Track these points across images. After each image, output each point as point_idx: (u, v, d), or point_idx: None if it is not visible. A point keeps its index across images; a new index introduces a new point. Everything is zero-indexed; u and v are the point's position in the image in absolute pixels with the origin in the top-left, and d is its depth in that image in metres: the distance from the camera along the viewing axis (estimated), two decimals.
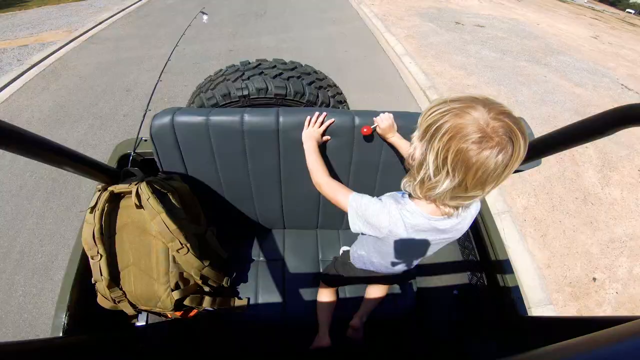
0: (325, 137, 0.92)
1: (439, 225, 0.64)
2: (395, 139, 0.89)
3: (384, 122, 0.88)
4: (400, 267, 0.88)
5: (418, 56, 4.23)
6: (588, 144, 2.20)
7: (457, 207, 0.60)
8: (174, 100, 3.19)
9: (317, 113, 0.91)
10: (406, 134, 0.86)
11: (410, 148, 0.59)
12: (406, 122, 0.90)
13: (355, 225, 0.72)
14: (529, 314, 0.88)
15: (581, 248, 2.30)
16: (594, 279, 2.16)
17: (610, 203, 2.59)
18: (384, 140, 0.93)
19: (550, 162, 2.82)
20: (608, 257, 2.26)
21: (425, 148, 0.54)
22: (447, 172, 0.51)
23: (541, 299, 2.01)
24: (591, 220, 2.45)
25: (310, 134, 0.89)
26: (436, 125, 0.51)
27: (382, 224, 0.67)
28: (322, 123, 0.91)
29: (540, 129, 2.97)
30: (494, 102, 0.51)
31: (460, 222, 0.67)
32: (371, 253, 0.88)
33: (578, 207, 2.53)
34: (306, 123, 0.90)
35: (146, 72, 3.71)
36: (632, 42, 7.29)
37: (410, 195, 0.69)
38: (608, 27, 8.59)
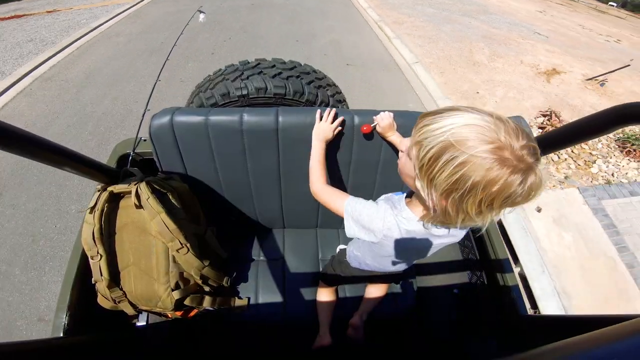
0: (337, 130, 0.90)
1: (435, 231, 0.63)
2: (395, 137, 0.89)
3: (383, 121, 0.87)
4: (394, 269, 0.89)
5: (377, 8, 6.31)
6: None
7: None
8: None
9: (328, 109, 0.90)
10: (406, 132, 0.86)
11: (431, 202, 0.52)
12: (406, 121, 0.90)
13: (350, 229, 0.71)
14: (529, 313, 0.88)
15: (469, 79, 4.01)
16: (477, 92, 3.81)
17: (493, 67, 4.38)
18: (384, 139, 0.93)
19: (449, 45, 4.84)
20: (488, 86, 3.93)
21: (458, 204, 0.48)
22: (492, 210, 0.48)
23: (440, 96, 3.63)
24: (477, 72, 4.22)
25: (322, 129, 0.87)
26: (465, 186, 0.45)
27: (376, 229, 0.66)
28: (334, 119, 0.90)
29: (454, 45, 4.89)
30: (496, 121, 0.46)
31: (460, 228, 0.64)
32: (366, 255, 0.89)
33: (469, 67, 4.33)
34: (317, 117, 0.90)
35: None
36: (577, 18, 8.23)
37: (408, 196, 0.69)
38: (564, 8, 9.09)
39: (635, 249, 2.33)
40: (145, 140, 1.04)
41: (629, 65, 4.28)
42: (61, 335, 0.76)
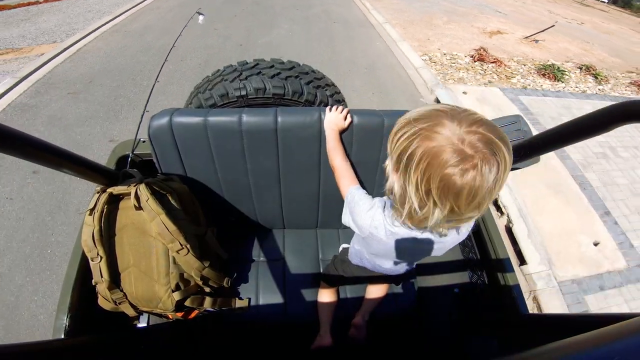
0: (348, 120, 0.91)
1: (417, 234, 0.61)
2: None
3: None
4: (390, 268, 0.89)
5: None
6: None
7: (454, 227, 0.57)
8: None
9: (335, 106, 0.92)
10: None
11: (388, 181, 0.54)
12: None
13: (345, 216, 0.74)
14: (529, 312, 0.88)
15: (424, 33, 5.39)
16: (428, 39, 5.13)
17: (446, 28, 5.70)
18: None
19: (414, 15, 6.14)
20: (438, 37, 5.28)
21: (402, 181, 0.49)
22: (434, 202, 0.46)
23: (399, 39, 4.98)
24: (432, 29, 5.58)
25: (334, 118, 0.89)
26: (407, 154, 0.46)
27: (364, 225, 0.67)
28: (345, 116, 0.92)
29: (419, 15, 6.18)
30: (462, 111, 0.46)
31: (451, 235, 0.63)
32: (363, 249, 0.89)
33: (426, 27, 5.69)
34: (328, 109, 0.91)
35: None
36: (551, 6, 9.15)
37: None
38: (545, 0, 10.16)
39: (546, 124, 3.41)
40: (144, 141, 1.04)
41: (553, 25, 5.76)
42: (62, 336, 0.77)
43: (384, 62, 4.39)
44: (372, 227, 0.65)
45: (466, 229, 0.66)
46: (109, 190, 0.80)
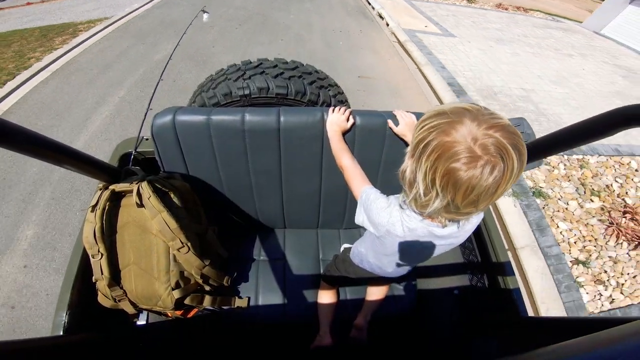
0: (350, 121, 0.92)
1: (436, 231, 0.63)
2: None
3: (402, 120, 0.91)
4: (393, 271, 0.88)
5: None
6: None
7: (453, 220, 0.59)
8: None
9: (337, 107, 0.92)
10: None
11: (403, 164, 0.57)
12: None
13: (359, 216, 0.74)
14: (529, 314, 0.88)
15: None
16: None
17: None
18: (402, 139, 0.94)
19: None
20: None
21: (414, 166, 0.52)
22: (437, 192, 0.49)
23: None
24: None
25: (335, 120, 0.90)
26: (424, 143, 0.48)
27: (381, 222, 0.67)
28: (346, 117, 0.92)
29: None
30: (486, 113, 0.47)
31: (460, 230, 0.65)
32: (369, 251, 0.89)
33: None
34: (330, 110, 0.92)
35: None
36: None
37: None
38: None
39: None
40: (147, 139, 1.05)
41: None
42: (61, 333, 0.76)
43: None
44: (390, 224, 0.66)
45: (471, 225, 0.67)
46: (111, 187, 0.80)
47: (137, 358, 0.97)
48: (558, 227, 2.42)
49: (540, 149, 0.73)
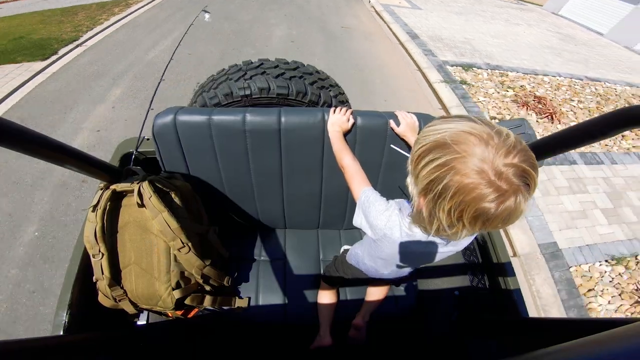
0: (351, 122, 0.91)
1: (432, 239, 0.62)
2: (414, 139, 0.90)
3: (404, 121, 0.90)
4: (389, 273, 0.88)
5: None
6: None
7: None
8: None
9: (339, 108, 0.92)
10: None
11: (414, 200, 0.53)
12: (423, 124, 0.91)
13: (357, 217, 0.73)
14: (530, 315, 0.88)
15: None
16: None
17: None
18: (403, 140, 0.93)
19: None
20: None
21: (432, 206, 0.48)
22: (464, 224, 0.46)
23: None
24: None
25: (336, 120, 0.90)
26: (441, 185, 0.44)
27: (378, 225, 0.67)
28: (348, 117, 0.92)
29: None
30: (495, 134, 0.44)
31: (459, 240, 0.63)
32: (365, 253, 0.89)
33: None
34: (331, 111, 0.92)
35: None
36: None
37: None
38: None
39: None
40: (148, 139, 1.05)
41: None
42: (61, 333, 0.76)
43: None
44: (387, 227, 0.65)
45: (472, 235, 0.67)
46: (112, 187, 0.80)
47: (137, 358, 0.97)
48: (478, 100, 3.74)
49: (541, 150, 0.73)
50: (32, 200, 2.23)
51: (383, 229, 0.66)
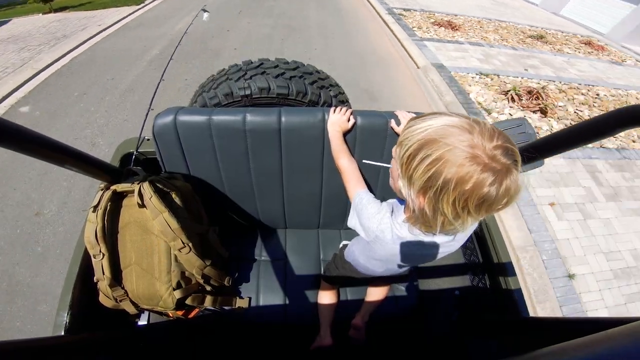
0: (351, 122, 0.91)
1: (425, 239, 0.62)
2: None
3: (402, 120, 0.90)
4: (383, 272, 0.88)
5: None
6: None
7: (449, 233, 0.58)
8: None
9: (339, 107, 0.92)
10: None
11: (411, 202, 0.53)
12: None
13: (352, 219, 0.74)
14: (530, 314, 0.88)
15: None
16: None
17: None
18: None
19: None
20: None
21: (434, 203, 0.48)
22: (469, 212, 0.47)
23: None
24: None
25: (336, 120, 0.90)
26: (439, 181, 0.45)
27: (371, 227, 0.68)
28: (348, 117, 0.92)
29: None
30: (474, 123, 0.47)
31: (453, 240, 0.64)
32: (360, 253, 0.89)
33: None
34: (332, 110, 0.92)
35: None
36: None
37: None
38: None
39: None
40: (148, 139, 1.05)
41: None
42: (62, 333, 0.76)
43: None
44: (379, 230, 0.66)
45: (465, 234, 0.67)
46: (113, 187, 0.80)
47: (138, 358, 0.97)
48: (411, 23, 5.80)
49: (542, 149, 0.73)
50: None
51: (375, 231, 0.67)
